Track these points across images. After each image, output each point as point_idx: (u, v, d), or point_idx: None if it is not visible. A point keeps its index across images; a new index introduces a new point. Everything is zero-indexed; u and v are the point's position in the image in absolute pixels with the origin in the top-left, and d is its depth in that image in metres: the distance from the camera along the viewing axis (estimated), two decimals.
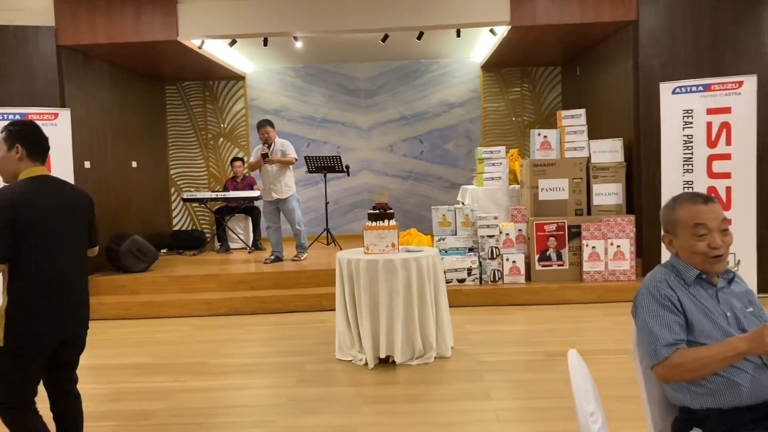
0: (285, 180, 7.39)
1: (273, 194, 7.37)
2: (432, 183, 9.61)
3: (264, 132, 7.31)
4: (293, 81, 9.61)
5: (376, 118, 9.62)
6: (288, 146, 7.41)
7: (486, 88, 9.58)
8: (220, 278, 6.83)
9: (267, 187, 7.41)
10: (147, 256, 7.16)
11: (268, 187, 7.40)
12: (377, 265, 4.53)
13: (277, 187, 7.35)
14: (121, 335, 5.79)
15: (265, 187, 7.46)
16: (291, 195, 7.43)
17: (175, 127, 9.69)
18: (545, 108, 9.57)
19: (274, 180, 7.36)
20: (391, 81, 9.59)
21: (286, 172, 7.41)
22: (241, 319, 6.21)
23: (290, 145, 7.45)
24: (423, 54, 9.20)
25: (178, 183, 9.74)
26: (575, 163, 6.73)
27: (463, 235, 6.65)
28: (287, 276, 6.84)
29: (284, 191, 7.38)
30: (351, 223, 9.69)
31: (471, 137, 9.60)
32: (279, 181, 7.36)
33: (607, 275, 6.50)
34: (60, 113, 6.24)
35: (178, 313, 6.42)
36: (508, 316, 5.98)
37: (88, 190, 7.18)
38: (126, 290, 6.82)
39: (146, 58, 7.85)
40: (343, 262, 4.69)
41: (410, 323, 4.56)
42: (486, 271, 6.57)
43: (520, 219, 6.75)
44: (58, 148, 6.19)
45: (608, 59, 7.48)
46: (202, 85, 9.65)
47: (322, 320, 6.01)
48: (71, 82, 6.93)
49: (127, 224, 8.17)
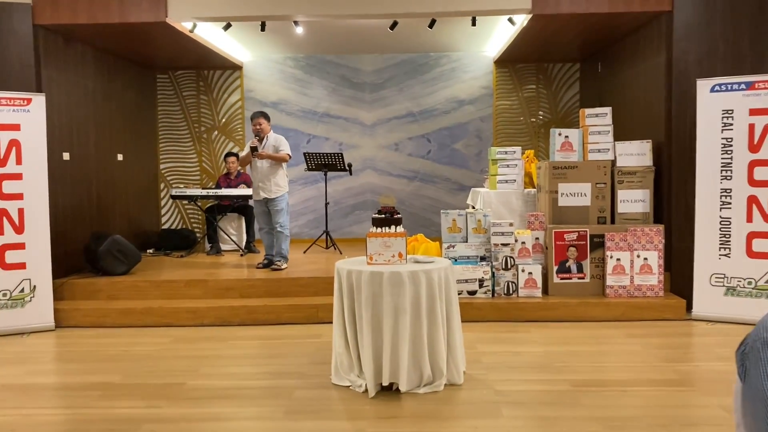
0: (276, 178, 6.78)
1: (261, 193, 6.77)
2: (439, 185, 9.00)
3: (256, 123, 6.70)
4: (293, 72, 9.01)
5: (381, 114, 9.02)
6: (282, 142, 6.81)
7: (499, 85, 8.98)
8: (206, 284, 6.23)
9: (257, 185, 6.81)
10: (128, 258, 6.56)
11: (257, 185, 6.79)
12: (382, 277, 3.93)
13: (267, 186, 6.74)
14: (93, 347, 5.19)
15: (254, 185, 6.86)
16: (281, 195, 6.81)
17: (166, 118, 9.09)
18: (561, 107, 8.97)
19: (264, 178, 6.75)
20: (398, 75, 8.99)
21: (278, 170, 6.81)
22: (228, 331, 5.61)
23: (285, 141, 6.85)
24: (433, 46, 8.60)
25: (168, 178, 9.14)
26: (599, 167, 6.14)
27: (474, 242, 6.05)
28: (280, 283, 6.25)
29: (273, 190, 6.77)
30: (352, 225, 9.09)
31: (482, 137, 8.99)
32: (269, 179, 6.75)
33: (632, 290, 5.90)
34: (33, 99, 5.64)
35: (159, 322, 5.82)
36: (524, 334, 5.38)
37: (66, 184, 6.66)
38: (103, 295, 6.23)
39: (134, 43, 7.25)
40: (343, 273, 4.09)
41: (418, 345, 3.96)
42: (499, 282, 5.98)
43: (538, 226, 6.16)
44: (30, 137, 5.61)
45: (636, 54, 6.88)
46: (195, 75, 9.05)
47: (318, 335, 5.41)
48: (49, 65, 6.33)
49: (110, 222, 7.57)
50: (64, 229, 6.50)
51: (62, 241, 6.45)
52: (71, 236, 6.66)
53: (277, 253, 6.83)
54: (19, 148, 5.56)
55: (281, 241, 6.80)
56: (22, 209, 5.58)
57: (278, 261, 6.78)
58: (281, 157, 6.73)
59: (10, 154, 5.53)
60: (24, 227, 5.59)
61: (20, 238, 5.58)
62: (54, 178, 6.27)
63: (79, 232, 6.83)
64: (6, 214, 5.52)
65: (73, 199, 6.73)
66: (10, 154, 5.53)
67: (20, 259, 5.58)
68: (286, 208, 6.87)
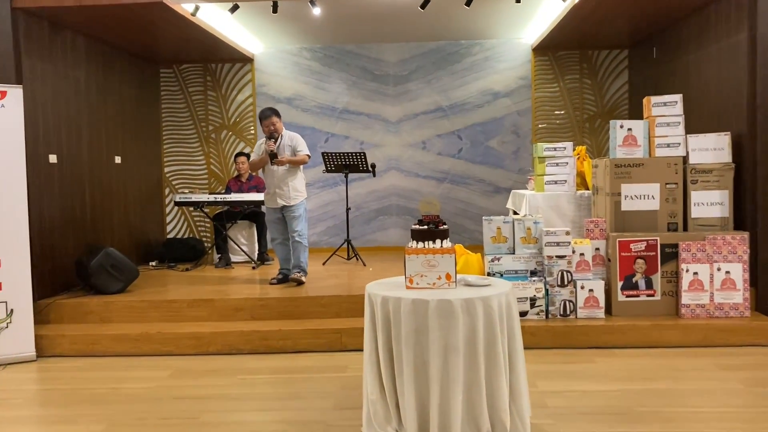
0: (294, 183, 5.95)
1: (279, 200, 5.94)
2: (472, 186, 8.11)
3: (269, 123, 5.86)
4: (309, 64, 8.17)
5: (407, 109, 8.15)
6: (298, 141, 5.98)
7: (538, 75, 8.08)
8: (213, 304, 5.40)
9: (272, 191, 5.98)
10: (123, 274, 5.75)
11: (273, 191, 5.96)
12: (427, 307, 3.07)
13: (285, 192, 5.92)
14: (78, 382, 4.37)
15: (270, 192, 6.03)
16: (300, 201, 5.99)
17: (170, 117, 8.29)
18: (608, 99, 8.05)
19: (281, 183, 5.92)
20: (426, 65, 8.11)
21: (297, 173, 5.99)
22: (237, 361, 4.78)
23: (301, 140, 6.01)
24: (464, 33, 7.72)
25: (173, 183, 8.34)
26: (668, 164, 5.23)
27: (523, 254, 5.17)
28: (297, 303, 5.40)
29: (292, 196, 5.94)
30: (375, 232, 8.23)
31: (519, 133, 8.10)
32: (287, 183, 5.92)
33: (712, 310, 4.99)
34: (9, 92, 4.84)
35: (158, 351, 5.00)
36: (588, 365, 4.49)
37: (53, 190, 5.85)
38: (94, 317, 5.41)
39: (132, 32, 6.45)
40: (376, 300, 3.23)
41: (474, 393, 3.09)
42: (554, 301, 5.09)
43: (598, 235, 5.26)
44: (5, 136, 4.82)
45: (705, 34, 5.96)
46: (202, 69, 8.24)
47: (343, 366, 4.56)
48: (32, 55, 5.54)
49: (107, 232, 6.77)
50: (51, 241, 5.71)
51: (49, 255, 5.66)
52: (60, 250, 5.87)
53: (295, 265, 6.02)
54: None
55: (299, 252, 5.98)
56: None
57: (297, 273, 5.96)
58: (300, 160, 5.92)
59: None
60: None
61: None
62: (38, 183, 5.49)
63: (70, 244, 6.03)
64: None
65: (62, 207, 5.93)
66: None
67: None
68: (305, 215, 6.04)
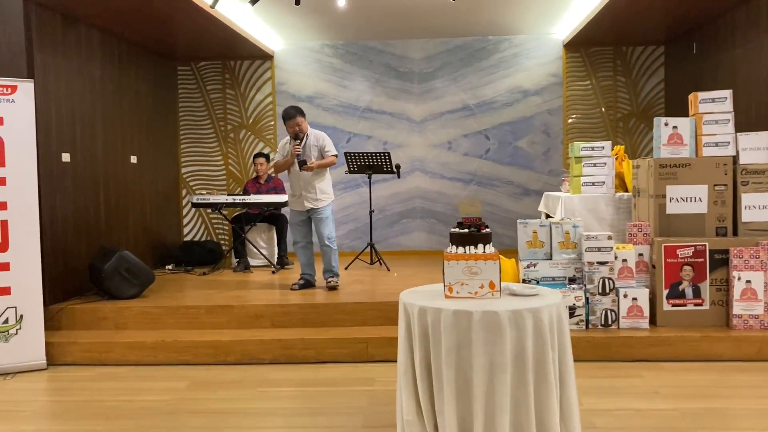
0: (322, 185, 5.68)
1: (305, 203, 5.67)
2: (500, 189, 7.78)
3: (294, 124, 5.58)
4: (331, 61, 7.90)
5: (432, 108, 7.85)
6: (325, 140, 5.70)
7: (570, 72, 7.75)
8: (232, 311, 5.13)
9: (297, 193, 5.71)
10: (139, 278, 5.49)
11: (299, 193, 5.69)
12: (470, 319, 2.76)
13: (311, 195, 5.64)
14: (89, 394, 4.11)
15: (295, 194, 5.75)
16: (327, 204, 5.72)
17: (188, 116, 8.05)
18: (643, 97, 7.70)
19: (308, 185, 5.64)
20: (452, 62, 7.81)
21: (324, 174, 5.72)
22: (257, 372, 4.50)
23: (328, 139, 5.73)
24: (492, 29, 7.41)
25: (190, 184, 8.10)
26: (717, 165, 4.89)
27: (561, 260, 4.85)
28: (320, 310, 5.11)
29: (320, 199, 5.67)
30: (398, 236, 7.93)
31: (550, 132, 7.77)
32: (313, 186, 5.65)
33: (766, 321, 4.64)
34: (19, 86, 4.59)
35: (174, 359, 4.73)
36: (635, 380, 4.16)
37: (66, 190, 5.61)
38: (109, 324, 5.16)
39: (149, 25, 6.21)
40: (413, 311, 2.93)
41: (522, 414, 2.78)
42: (595, 311, 4.76)
43: (641, 240, 4.93)
44: (16, 133, 4.58)
45: (753, 27, 5.61)
46: (221, 66, 8.00)
47: (370, 379, 4.27)
48: (45, 49, 5.31)
49: (122, 234, 6.53)
50: (63, 244, 5.47)
51: (61, 258, 5.42)
52: (73, 252, 5.63)
53: (326, 270, 5.78)
54: (2, 147, 4.52)
55: (330, 256, 5.74)
56: (5, 222, 4.53)
57: (331, 278, 5.74)
58: (329, 162, 5.66)
59: None
60: (8, 244, 4.54)
61: (3, 256, 4.53)
62: (50, 183, 5.26)
63: (83, 247, 5.80)
64: None
65: (75, 208, 5.69)
66: None
67: (3, 282, 4.53)
68: (332, 217, 5.77)
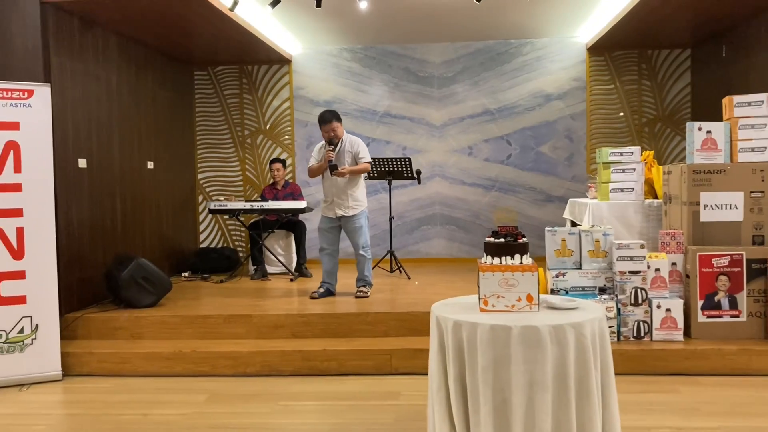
0: (356, 192, 5.56)
1: (337, 210, 5.54)
2: (522, 195, 7.61)
3: (329, 128, 5.45)
4: (350, 66, 7.77)
5: (452, 113, 7.71)
6: (360, 146, 5.58)
7: (593, 76, 7.57)
8: (251, 320, 5.00)
9: (330, 199, 5.58)
10: (156, 287, 5.38)
11: (331, 200, 5.56)
12: (509, 335, 2.61)
13: (344, 202, 5.52)
14: (105, 407, 3.99)
15: (327, 200, 5.62)
16: (361, 211, 5.60)
17: (205, 121, 7.95)
18: (669, 102, 7.51)
19: (341, 192, 5.51)
20: (473, 66, 7.66)
21: (358, 181, 5.60)
22: (278, 384, 4.36)
23: (363, 146, 5.62)
24: (514, 32, 7.26)
25: (207, 190, 7.99)
26: (753, 170, 4.71)
27: (591, 269, 4.69)
28: (342, 320, 4.97)
29: (352, 206, 5.55)
30: (418, 243, 7.78)
31: (573, 137, 7.59)
32: (346, 193, 5.52)
33: None
34: (36, 90, 4.50)
35: (192, 371, 4.61)
36: (672, 395, 3.98)
37: (82, 197, 5.51)
38: (124, 333, 5.04)
39: (166, 29, 6.12)
40: (447, 325, 2.78)
41: None
42: (626, 322, 4.58)
43: (675, 248, 4.75)
44: (32, 138, 4.49)
45: None
46: (238, 71, 7.89)
47: (394, 392, 4.12)
48: (62, 52, 5.21)
49: (138, 241, 6.43)
50: (79, 251, 5.37)
51: (77, 265, 5.32)
52: (89, 259, 5.52)
53: (360, 279, 5.69)
54: (18, 152, 4.43)
55: (363, 265, 5.66)
56: (21, 229, 4.43)
57: (363, 287, 5.64)
58: (363, 169, 5.55)
59: (7, 160, 4.39)
60: (24, 251, 4.44)
61: (19, 264, 4.43)
62: (67, 189, 5.16)
63: (100, 254, 5.69)
64: (1, 235, 4.38)
65: (91, 214, 5.58)
66: (7, 160, 4.39)
67: (19, 291, 4.43)
68: (366, 225, 5.65)
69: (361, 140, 5.65)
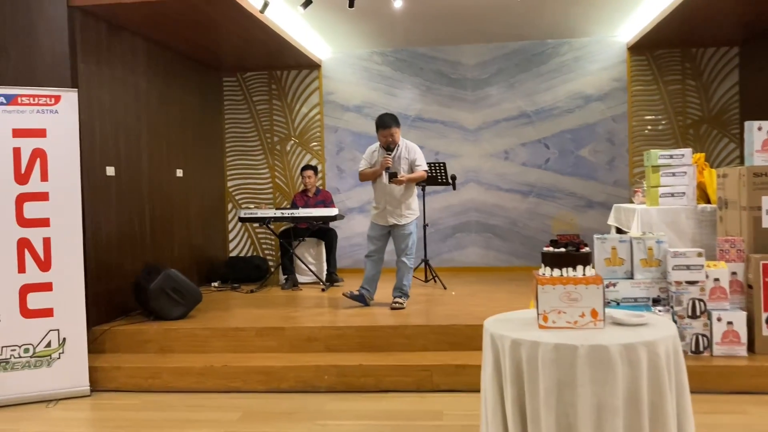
0: (409, 201, 5.34)
1: (389, 218, 5.31)
2: (561, 201, 7.33)
3: (387, 134, 5.24)
4: (380, 69, 7.57)
5: (487, 116, 7.46)
6: (417, 153, 5.36)
7: (635, 77, 7.27)
8: (283, 333, 4.79)
9: (381, 207, 5.35)
10: (185, 298, 5.20)
11: (384, 207, 5.33)
12: (575, 355, 2.37)
13: (397, 210, 5.29)
14: (136, 426, 3.80)
15: (378, 207, 5.39)
16: (412, 220, 5.38)
17: (233, 127, 7.80)
18: (715, 102, 7.18)
19: (395, 200, 5.29)
20: (508, 67, 7.41)
21: (412, 189, 5.39)
22: (313, 401, 4.14)
23: (420, 152, 5.40)
24: (551, 31, 7.01)
25: (236, 197, 7.83)
26: None
27: (644, 279, 4.40)
28: (378, 333, 4.74)
29: (405, 215, 5.33)
30: (452, 251, 7.53)
31: (614, 140, 7.29)
32: (399, 201, 5.30)
33: None
34: (63, 96, 4.36)
35: (224, 387, 4.41)
36: (740, 417, 3.68)
37: (110, 205, 5.36)
38: (154, 347, 4.87)
39: (196, 34, 5.98)
40: (503, 344, 2.54)
41: None
42: (684, 336, 4.28)
43: (735, 257, 4.44)
44: (59, 145, 4.34)
45: None
46: (267, 76, 7.74)
47: (437, 412, 3.87)
48: (89, 58, 5.08)
49: (167, 250, 6.27)
50: (107, 261, 5.22)
51: (105, 276, 5.17)
52: (118, 270, 5.37)
53: (397, 288, 5.43)
54: (45, 160, 4.28)
55: (404, 273, 5.41)
56: (48, 239, 4.28)
57: (399, 298, 5.38)
58: (419, 177, 5.34)
59: (33, 168, 4.25)
60: (51, 262, 4.29)
61: (46, 276, 4.28)
62: (94, 197, 5.02)
63: (128, 264, 5.54)
64: (28, 246, 4.23)
65: (119, 223, 5.44)
66: (33, 168, 4.25)
67: (46, 303, 4.28)
68: (416, 233, 5.43)
69: (417, 147, 5.42)
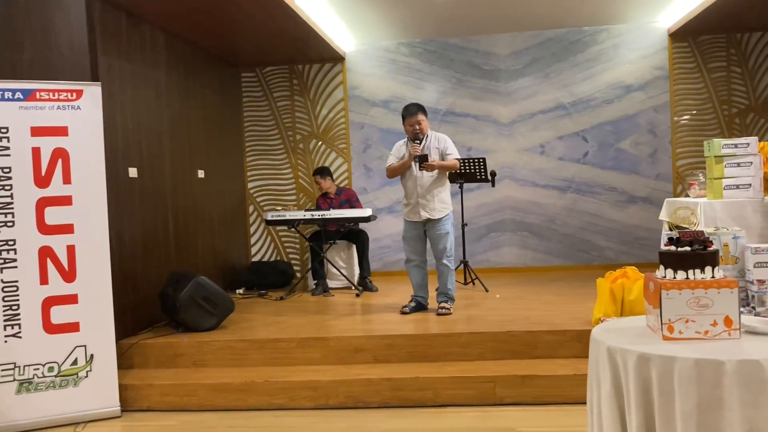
0: (442, 193, 5.03)
1: (422, 212, 4.98)
2: (601, 196, 6.97)
3: (414, 121, 4.95)
4: (408, 61, 7.21)
5: (522, 108, 7.10)
6: (447, 142, 5.05)
7: (677, 64, 6.91)
8: (327, 344, 4.43)
9: (413, 201, 5.02)
10: (217, 308, 4.84)
11: (415, 201, 5.00)
12: (720, 372, 2.00)
13: (430, 203, 4.96)
14: None
15: (410, 202, 5.07)
16: (447, 215, 5.03)
17: (254, 126, 7.44)
18: (762, 89, 6.82)
19: (426, 192, 4.96)
20: (544, 57, 7.05)
21: (444, 181, 5.07)
22: (367, 418, 3.78)
23: (450, 142, 5.08)
24: (588, 18, 6.65)
25: (257, 200, 7.47)
26: None
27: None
28: (430, 341, 4.38)
29: (438, 209, 4.99)
30: (487, 251, 7.16)
31: (656, 132, 6.93)
32: (432, 193, 4.97)
33: None
34: (85, 90, 4.00)
35: (267, 404, 4.05)
36: None
37: (133, 210, 4.85)
38: (186, 361, 4.51)
39: (217, 23, 5.62)
40: (626, 359, 2.17)
41: None
42: None
43: None
44: (82, 144, 3.98)
45: None
46: (288, 71, 7.38)
47: (506, 429, 3.52)
48: (109, 51, 4.73)
49: (192, 257, 5.92)
50: (132, 269, 4.86)
51: (131, 286, 4.81)
52: (143, 279, 5.01)
53: (441, 293, 5.09)
54: (67, 161, 3.92)
55: (446, 277, 5.06)
56: (72, 247, 3.92)
57: (445, 303, 5.04)
58: (452, 165, 5.00)
59: (55, 169, 3.89)
60: (76, 272, 3.93)
61: (71, 287, 3.92)
62: (117, 202, 4.65)
63: (153, 272, 5.18)
64: (50, 255, 3.87)
65: (143, 229, 5.08)
66: (55, 169, 3.89)
67: (71, 317, 3.91)
68: (452, 232, 5.08)
69: (447, 137, 5.10)
